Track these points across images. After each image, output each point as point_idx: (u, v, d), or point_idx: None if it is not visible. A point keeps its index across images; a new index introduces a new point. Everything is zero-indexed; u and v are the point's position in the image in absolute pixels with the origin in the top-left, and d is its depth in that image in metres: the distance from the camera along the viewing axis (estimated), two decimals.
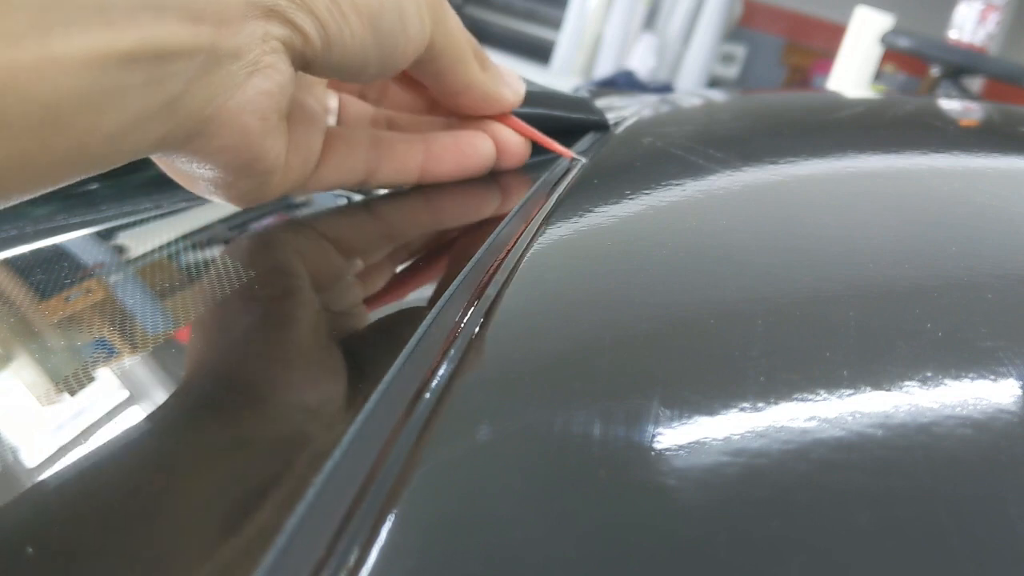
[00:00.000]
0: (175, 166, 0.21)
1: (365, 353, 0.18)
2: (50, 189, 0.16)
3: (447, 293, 0.18)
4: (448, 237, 0.25)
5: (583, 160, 0.27)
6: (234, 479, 0.14)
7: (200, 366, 0.18)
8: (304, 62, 0.20)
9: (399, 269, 0.23)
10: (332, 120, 0.27)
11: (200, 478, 0.14)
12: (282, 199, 0.29)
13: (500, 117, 0.28)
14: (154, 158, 0.21)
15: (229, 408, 0.16)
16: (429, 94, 0.27)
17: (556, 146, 0.28)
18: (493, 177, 0.28)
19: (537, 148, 0.29)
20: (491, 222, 0.23)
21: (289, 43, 0.19)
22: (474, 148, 0.27)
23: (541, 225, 0.21)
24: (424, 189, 0.28)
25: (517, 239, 0.21)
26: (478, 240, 0.21)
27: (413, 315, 0.19)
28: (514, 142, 0.28)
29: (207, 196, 0.22)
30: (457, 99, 0.26)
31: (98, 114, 0.15)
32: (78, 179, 0.17)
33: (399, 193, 0.28)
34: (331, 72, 0.21)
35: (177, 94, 0.17)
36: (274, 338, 0.18)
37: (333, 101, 0.28)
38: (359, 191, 0.28)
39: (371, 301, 0.21)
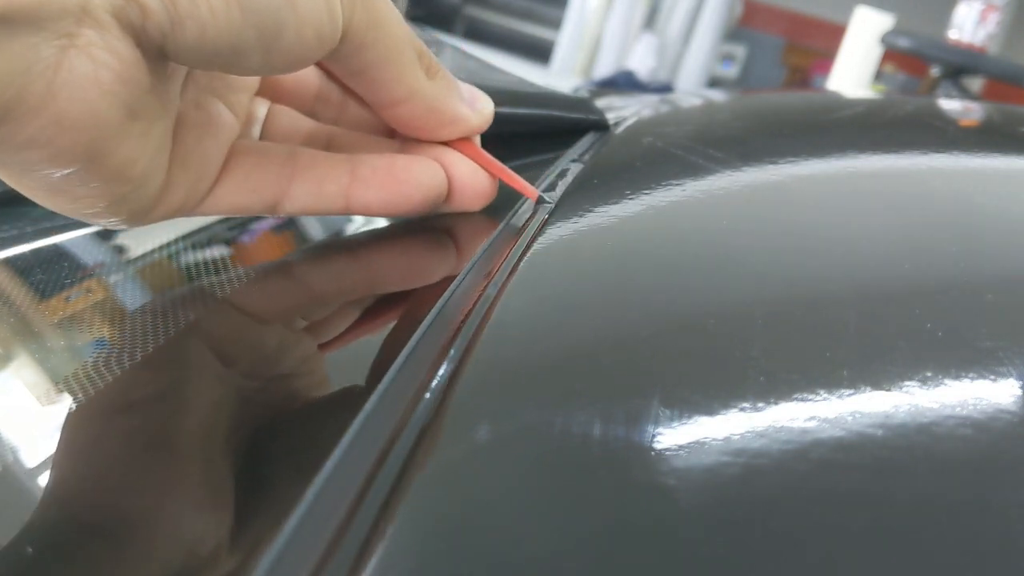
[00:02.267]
0: (8, 168, 0.17)
1: (362, 358, 0.18)
2: None
3: (446, 294, 0.18)
4: (385, 302, 0.21)
5: (551, 202, 0.23)
6: (233, 479, 0.14)
7: (193, 372, 0.18)
8: (154, 44, 0.16)
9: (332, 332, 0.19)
10: (256, 132, 0.23)
11: (197, 479, 0.14)
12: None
13: (461, 144, 0.23)
14: None
15: (227, 412, 0.16)
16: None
17: (521, 183, 0.23)
18: (445, 221, 0.24)
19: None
20: (437, 282, 0.20)
21: (123, 16, 0.15)
22: (411, 174, 0.22)
23: (542, 225, 0.21)
24: (352, 246, 0.24)
25: (514, 244, 0.20)
26: (419, 307, 0.18)
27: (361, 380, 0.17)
28: (472, 175, 0.23)
29: (70, 214, 0.18)
30: (397, 112, 0.21)
31: None
32: None
33: (320, 254, 0.24)
34: (196, 59, 0.17)
35: None
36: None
37: (261, 109, 0.23)
38: (272, 216, 0.24)
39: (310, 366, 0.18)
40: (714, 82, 2.99)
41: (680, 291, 0.18)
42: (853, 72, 2.13)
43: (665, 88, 2.55)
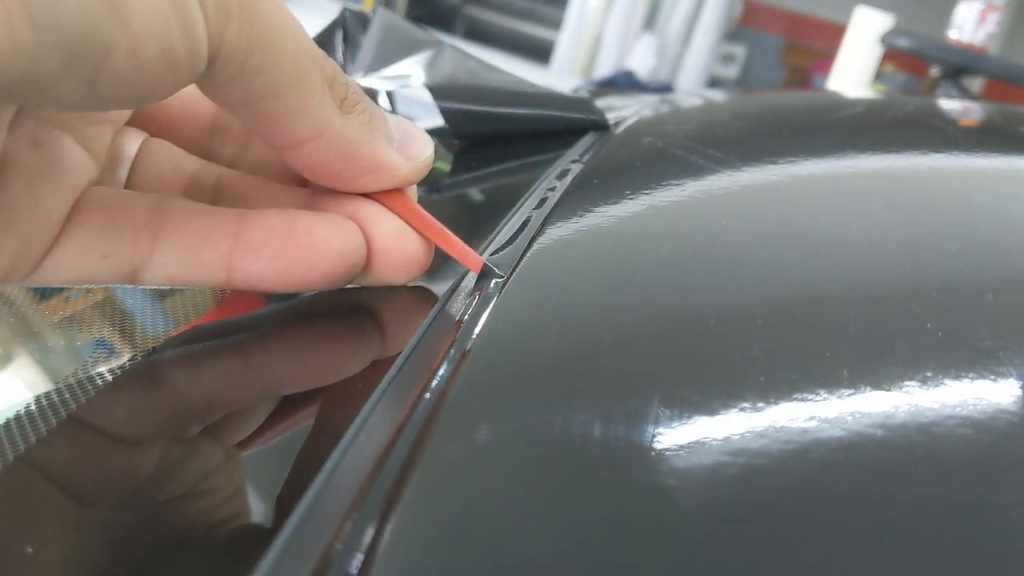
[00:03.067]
0: None
1: (365, 351, 0.18)
2: None
3: (445, 294, 0.18)
4: (289, 406, 0.16)
5: (501, 275, 0.18)
6: (232, 479, 0.14)
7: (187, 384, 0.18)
8: None
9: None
10: (122, 174, 0.18)
11: (195, 480, 0.14)
12: None
13: (388, 197, 0.18)
14: None
15: (223, 421, 0.16)
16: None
17: (461, 249, 0.19)
18: (364, 297, 0.19)
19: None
20: (357, 378, 0.16)
21: None
22: (316, 239, 0.17)
23: (542, 226, 0.21)
24: (236, 331, 0.19)
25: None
26: (339, 411, 0.15)
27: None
28: (398, 237, 0.18)
29: None
30: (300, 155, 0.16)
31: None
32: None
33: (196, 344, 0.18)
34: None
35: None
36: None
37: (131, 145, 0.19)
38: (132, 286, 0.17)
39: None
40: (714, 82, 2.99)
41: (680, 291, 0.18)
42: (853, 72, 2.13)
43: (665, 88, 2.55)
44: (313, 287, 0.17)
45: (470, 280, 0.19)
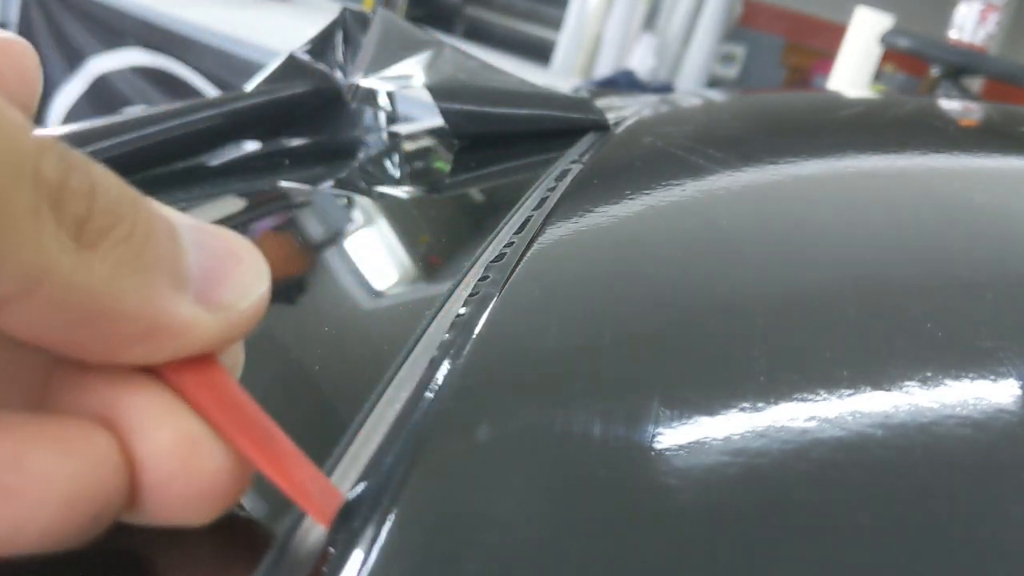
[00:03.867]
0: None
1: (365, 352, 0.18)
2: None
3: (445, 293, 0.18)
4: None
5: (367, 516, 0.11)
6: None
7: None
8: None
9: None
10: None
11: None
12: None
13: (182, 373, 0.11)
14: None
15: None
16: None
17: (305, 475, 0.11)
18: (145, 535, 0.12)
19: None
20: None
21: None
22: (23, 476, 0.10)
23: (542, 226, 0.21)
24: None
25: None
26: None
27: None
28: (185, 455, 0.11)
29: None
30: (5, 317, 0.09)
31: None
32: None
33: None
34: None
35: None
36: None
37: None
38: None
39: None
40: (714, 82, 2.99)
41: (680, 291, 0.18)
42: (853, 72, 2.13)
43: (665, 88, 2.55)
44: (26, 551, 0.10)
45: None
